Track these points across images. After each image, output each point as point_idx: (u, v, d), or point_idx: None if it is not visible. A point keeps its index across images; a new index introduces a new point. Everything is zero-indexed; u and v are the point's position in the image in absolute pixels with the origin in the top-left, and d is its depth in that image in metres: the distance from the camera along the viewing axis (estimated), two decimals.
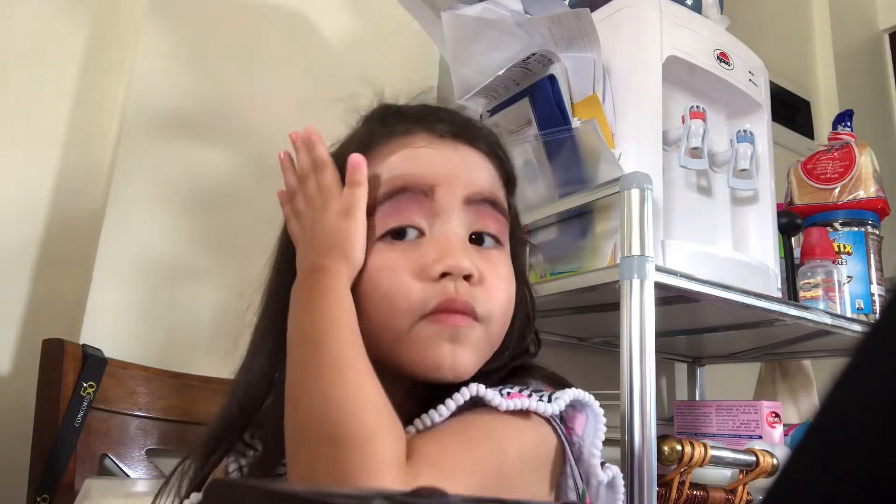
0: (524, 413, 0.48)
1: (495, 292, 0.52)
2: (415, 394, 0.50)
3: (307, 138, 0.56)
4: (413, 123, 0.55)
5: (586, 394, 0.51)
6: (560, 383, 0.53)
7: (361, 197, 0.51)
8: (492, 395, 0.47)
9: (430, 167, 0.53)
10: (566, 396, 0.50)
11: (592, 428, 0.51)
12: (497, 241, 0.54)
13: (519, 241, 0.58)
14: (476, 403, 0.48)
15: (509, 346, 0.55)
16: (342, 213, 0.51)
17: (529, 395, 0.48)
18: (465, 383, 0.49)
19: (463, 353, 0.49)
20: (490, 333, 0.52)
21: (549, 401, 0.49)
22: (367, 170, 0.52)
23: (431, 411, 0.47)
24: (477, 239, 0.53)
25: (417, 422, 0.47)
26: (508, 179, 0.58)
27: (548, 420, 0.49)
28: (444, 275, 0.49)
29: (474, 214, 0.53)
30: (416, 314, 0.49)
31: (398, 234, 0.51)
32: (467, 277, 0.50)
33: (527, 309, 0.58)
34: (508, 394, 0.48)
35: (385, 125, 0.56)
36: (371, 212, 0.52)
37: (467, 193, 0.52)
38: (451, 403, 0.47)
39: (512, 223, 0.57)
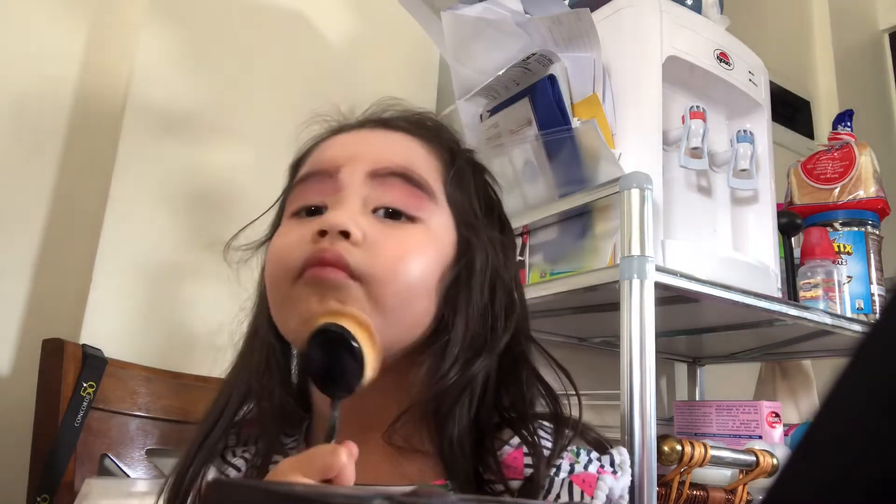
0: None
1: (383, 252, 0.47)
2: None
3: None
4: (354, 124, 0.57)
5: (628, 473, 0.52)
6: (604, 449, 0.53)
7: None
8: None
9: (339, 150, 0.53)
10: (623, 485, 0.50)
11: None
12: (411, 217, 0.50)
13: (474, 228, 0.53)
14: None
15: (454, 328, 0.49)
16: None
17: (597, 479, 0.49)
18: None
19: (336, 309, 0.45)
20: (378, 297, 0.46)
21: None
22: None
23: None
24: (392, 214, 0.50)
25: None
26: (450, 160, 0.55)
27: None
28: (322, 234, 0.47)
29: (380, 188, 0.50)
30: (291, 276, 0.47)
31: (310, 212, 0.51)
32: (346, 235, 0.47)
33: (481, 287, 0.51)
34: (584, 481, 0.48)
35: (332, 128, 0.58)
36: (286, 196, 0.54)
37: (372, 168, 0.51)
38: None
39: (465, 209, 0.54)
